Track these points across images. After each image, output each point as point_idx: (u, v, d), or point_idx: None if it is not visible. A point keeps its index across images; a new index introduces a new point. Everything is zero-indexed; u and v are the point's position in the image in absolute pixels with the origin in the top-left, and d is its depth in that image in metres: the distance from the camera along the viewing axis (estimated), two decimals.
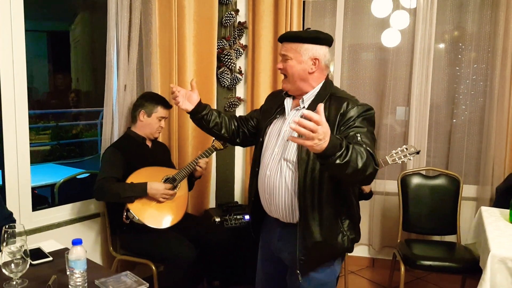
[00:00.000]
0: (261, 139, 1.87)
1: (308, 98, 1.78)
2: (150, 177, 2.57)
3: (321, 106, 1.34)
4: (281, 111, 1.85)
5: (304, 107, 1.77)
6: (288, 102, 1.84)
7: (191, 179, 2.79)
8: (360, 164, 1.44)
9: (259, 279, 2.03)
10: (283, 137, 1.78)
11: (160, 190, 2.52)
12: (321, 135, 1.32)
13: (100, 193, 2.51)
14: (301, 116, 1.32)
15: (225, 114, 2.04)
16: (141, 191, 2.48)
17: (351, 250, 1.81)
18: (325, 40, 1.77)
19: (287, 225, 1.79)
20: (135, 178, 2.54)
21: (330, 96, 1.75)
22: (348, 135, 1.60)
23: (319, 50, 1.75)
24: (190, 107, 1.94)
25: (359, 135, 1.59)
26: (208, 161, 2.75)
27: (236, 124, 2.03)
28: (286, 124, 1.79)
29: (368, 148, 1.51)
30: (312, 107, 1.71)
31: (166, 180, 2.62)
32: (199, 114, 1.95)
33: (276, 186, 1.75)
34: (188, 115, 2.01)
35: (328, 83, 1.81)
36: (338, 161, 1.39)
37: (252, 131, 2.03)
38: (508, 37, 3.05)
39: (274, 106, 1.90)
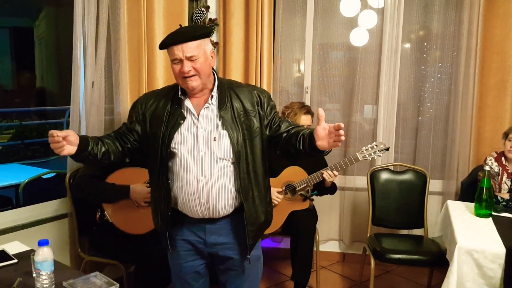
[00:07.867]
0: (171, 148, 1.73)
1: (215, 93, 1.76)
2: (132, 178, 2.47)
3: (322, 111, 1.60)
4: (182, 115, 1.74)
5: (212, 103, 1.75)
6: (189, 104, 1.75)
7: None
8: None
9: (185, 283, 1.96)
10: (205, 139, 1.72)
11: (143, 194, 2.43)
12: None
13: (78, 189, 2.43)
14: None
15: (106, 138, 1.81)
16: (122, 194, 2.41)
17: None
18: (211, 32, 1.85)
19: (219, 218, 1.79)
20: (116, 177, 2.45)
21: (229, 88, 1.79)
22: (276, 121, 1.79)
23: (209, 43, 1.79)
24: (74, 149, 1.64)
25: (282, 119, 1.82)
26: None
27: (119, 143, 1.82)
28: (204, 124, 1.72)
29: None
30: (222, 101, 1.74)
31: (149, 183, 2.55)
32: (85, 152, 1.69)
33: (216, 187, 1.73)
34: None
35: (215, 74, 1.83)
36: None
37: (135, 145, 1.83)
38: (471, 36, 3.15)
39: (163, 112, 1.76)
